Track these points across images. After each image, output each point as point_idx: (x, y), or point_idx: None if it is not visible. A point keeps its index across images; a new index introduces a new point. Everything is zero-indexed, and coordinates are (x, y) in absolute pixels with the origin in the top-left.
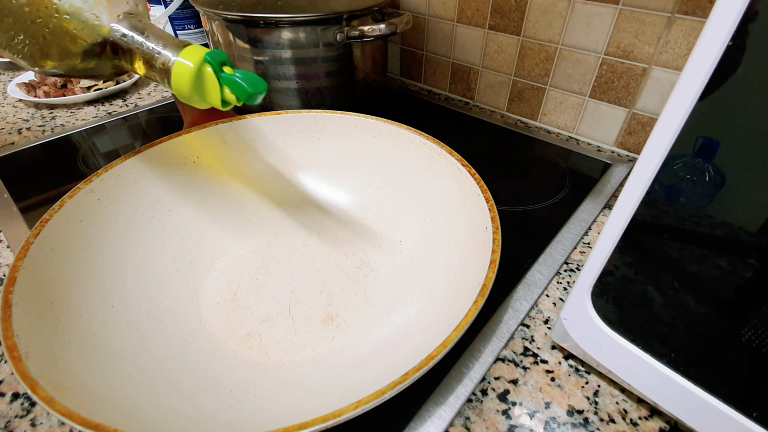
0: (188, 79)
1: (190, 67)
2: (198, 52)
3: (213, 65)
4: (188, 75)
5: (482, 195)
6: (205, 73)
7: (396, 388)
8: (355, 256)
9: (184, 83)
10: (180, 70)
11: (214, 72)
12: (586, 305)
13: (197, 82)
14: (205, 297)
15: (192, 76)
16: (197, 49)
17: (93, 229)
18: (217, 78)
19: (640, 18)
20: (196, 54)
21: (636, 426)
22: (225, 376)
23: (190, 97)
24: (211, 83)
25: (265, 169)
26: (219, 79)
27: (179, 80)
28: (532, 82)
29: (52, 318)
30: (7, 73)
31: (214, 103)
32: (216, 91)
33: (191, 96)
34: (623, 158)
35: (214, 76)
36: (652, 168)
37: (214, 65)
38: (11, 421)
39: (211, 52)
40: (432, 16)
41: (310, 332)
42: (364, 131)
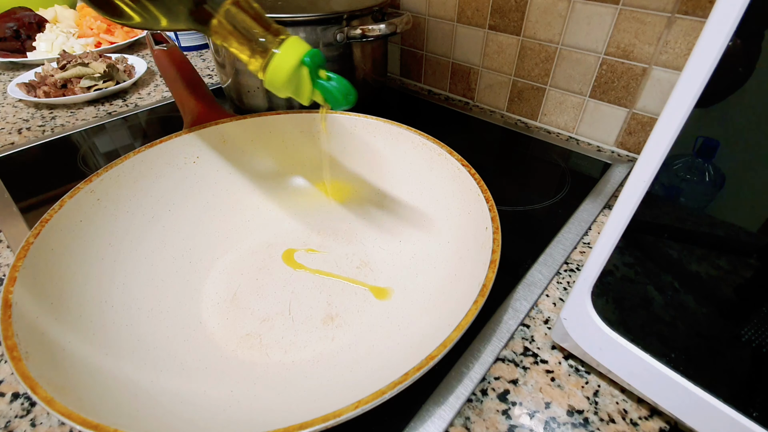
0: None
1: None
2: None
3: (310, 68)
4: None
5: (482, 195)
6: (301, 72)
7: (396, 388)
8: (355, 256)
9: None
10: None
11: (309, 75)
12: (586, 305)
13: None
14: (205, 297)
15: (289, 73)
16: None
17: (93, 229)
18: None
19: (640, 18)
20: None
21: (636, 426)
22: (225, 376)
23: (279, 89)
24: (304, 84)
25: (265, 169)
26: (313, 82)
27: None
28: (532, 82)
29: (52, 318)
30: (7, 73)
31: (301, 101)
32: (307, 92)
33: (281, 89)
34: (623, 158)
35: (309, 78)
36: (652, 168)
37: (312, 68)
38: (11, 421)
39: (311, 53)
40: (432, 16)
41: (310, 332)
42: (364, 131)
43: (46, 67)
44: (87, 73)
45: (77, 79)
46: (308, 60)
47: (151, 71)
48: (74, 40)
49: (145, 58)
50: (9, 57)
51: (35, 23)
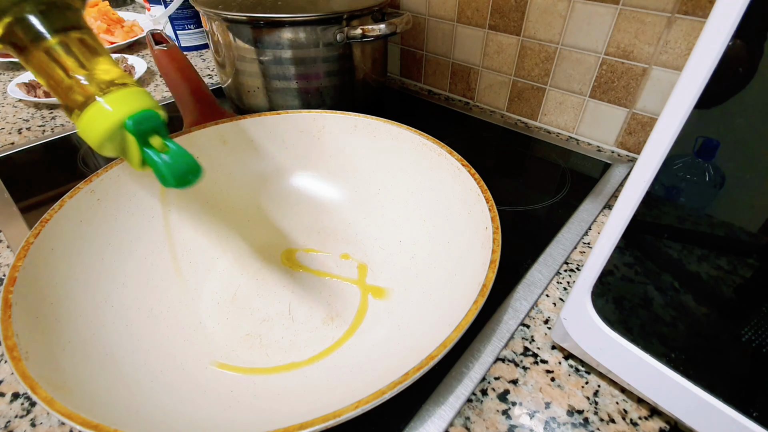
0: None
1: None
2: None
3: (135, 134)
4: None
5: (482, 195)
6: (125, 135)
7: (396, 388)
8: (355, 256)
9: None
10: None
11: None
12: (586, 305)
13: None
14: (205, 297)
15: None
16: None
17: (93, 229)
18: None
19: (640, 18)
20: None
21: (636, 426)
22: (225, 376)
23: (96, 148)
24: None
25: (265, 169)
26: (141, 152)
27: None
28: (532, 82)
29: (52, 318)
30: (7, 73)
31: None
32: (136, 159)
33: (98, 148)
34: (623, 158)
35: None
36: (652, 168)
37: (138, 134)
38: (11, 421)
39: (137, 116)
40: (432, 16)
41: (310, 332)
42: (364, 131)
43: None
44: None
45: None
46: (131, 124)
47: (151, 71)
48: None
49: (145, 58)
50: (9, 57)
51: None
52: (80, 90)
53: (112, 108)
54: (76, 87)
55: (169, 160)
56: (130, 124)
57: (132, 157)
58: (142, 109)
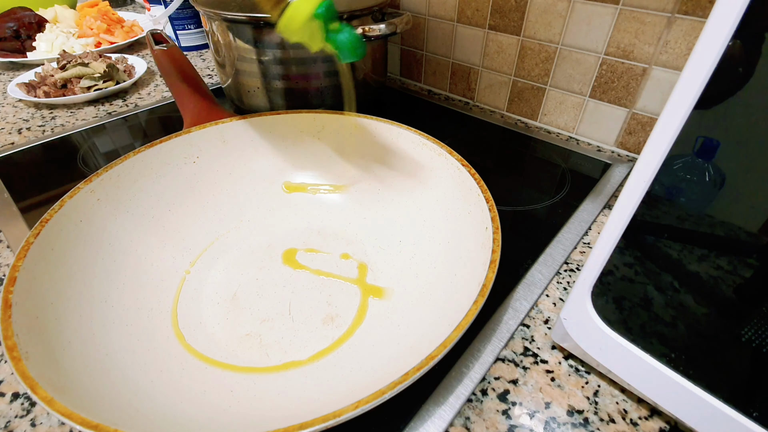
0: (298, 25)
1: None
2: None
3: (323, 20)
4: (298, 21)
5: (482, 195)
6: (313, 23)
7: (396, 388)
8: (355, 256)
9: (293, 27)
10: (292, 14)
11: (321, 26)
12: (586, 305)
13: (305, 28)
14: (205, 297)
15: (302, 23)
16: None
17: (93, 229)
18: (322, 31)
19: (640, 18)
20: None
21: (636, 426)
22: (225, 376)
23: (291, 36)
24: (316, 34)
25: (265, 169)
26: (324, 34)
27: (289, 22)
28: (532, 82)
29: (52, 318)
30: (7, 73)
31: (312, 48)
32: (319, 42)
33: (293, 36)
34: (623, 158)
35: (321, 29)
36: (652, 168)
37: (324, 20)
38: (11, 421)
39: (325, 4)
40: (432, 16)
41: (310, 332)
42: (364, 131)
43: (46, 67)
44: (87, 73)
45: (77, 79)
46: (321, 11)
47: (151, 71)
48: (74, 40)
49: (145, 58)
50: (9, 57)
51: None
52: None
53: (304, 4)
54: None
55: (346, 37)
56: (321, 11)
57: (315, 39)
58: (323, 1)
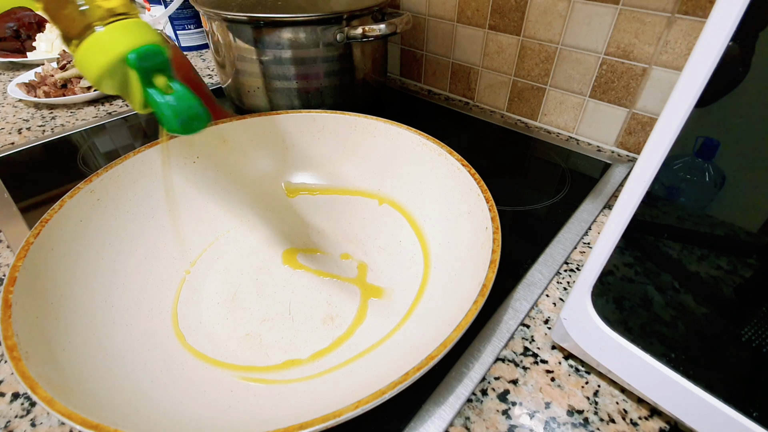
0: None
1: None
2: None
3: (138, 70)
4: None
5: (482, 195)
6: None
7: (396, 388)
8: (355, 256)
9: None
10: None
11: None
12: (586, 305)
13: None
14: (205, 297)
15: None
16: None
17: (93, 229)
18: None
19: (640, 18)
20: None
21: (636, 426)
22: (225, 376)
23: (94, 83)
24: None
25: (265, 169)
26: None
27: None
28: (532, 82)
29: (52, 318)
30: (7, 73)
31: (133, 107)
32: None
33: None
34: (623, 158)
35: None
36: (652, 168)
37: (140, 71)
38: (11, 421)
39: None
40: (432, 16)
41: (310, 332)
42: (364, 131)
43: (46, 67)
44: None
45: (77, 79)
46: (134, 58)
47: None
48: None
49: None
50: (9, 57)
51: (35, 23)
52: (79, 18)
53: (114, 39)
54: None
55: (174, 102)
56: (133, 58)
57: (134, 96)
58: (147, 43)
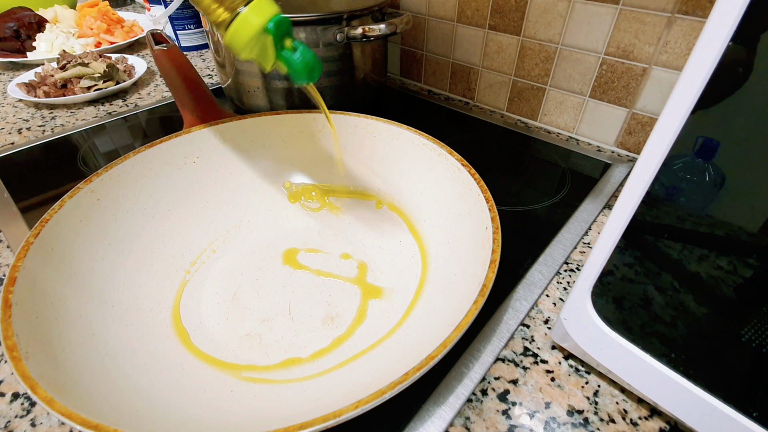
0: (245, 39)
1: (252, 28)
2: (263, 13)
3: (274, 35)
4: (246, 36)
5: (482, 195)
6: (265, 38)
7: (396, 388)
8: (355, 256)
9: (240, 41)
10: (240, 26)
11: (273, 43)
12: (586, 305)
13: (254, 44)
14: (205, 297)
15: (250, 37)
16: (264, 8)
17: (93, 229)
18: (274, 48)
19: (640, 18)
20: (261, 14)
21: (636, 426)
22: (225, 376)
23: (240, 52)
24: (268, 50)
25: (265, 169)
26: (276, 51)
27: (236, 35)
28: (532, 82)
29: (52, 318)
30: (7, 73)
31: (264, 68)
32: (271, 59)
33: (241, 52)
34: (623, 158)
35: (273, 45)
36: (652, 168)
37: (275, 36)
38: (11, 421)
39: (276, 19)
40: (432, 16)
41: (310, 332)
42: (364, 131)
43: (46, 67)
44: (87, 73)
45: (77, 79)
46: (272, 26)
47: (151, 71)
48: (74, 40)
49: (145, 58)
50: (9, 57)
51: (35, 23)
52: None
53: (254, 15)
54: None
55: (300, 57)
56: (271, 27)
57: (268, 58)
58: (276, 14)
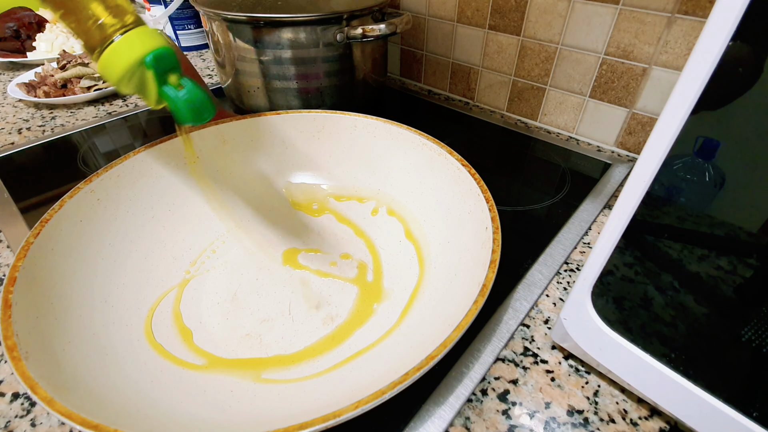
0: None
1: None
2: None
3: (154, 70)
4: (119, 68)
5: (482, 195)
6: (144, 72)
7: (396, 388)
8: (355, 256)
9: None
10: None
11: (155, 78)
12: (586, 305)
13: (130, 77)
14: (205, 297)
15: (123, 71)
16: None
17: (93, 229)
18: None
19: (640, 18)
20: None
21: (636, 426)
22: (225, 376)
23: (115, 85)
24: (149, 86)
25: (264, 169)
26: (158, 89)
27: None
28: (532, 82)
29: (52, 318)
30: (7, 73)
31: (148, 103)
32: (153, 95)
33: (117, 85)
34: (623, 158)
35: (155, 81)
36: (652, 168)
37: (156, 71)
38: (11, 421)
39: (156, 53)
40: (432, 16)
41: (310, 332)
42: (364, 131)
43: (46, 67)
44: (87, 73)
45: (77, 79)
46: (150, 60)
47: None
48: (74, 40)
49: None
50: (9, 57)
51: (35, 23)
52: (99, 29)
53: (131, 46)
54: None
55: (185, 95)
56: (150, 60)
57: (150, 94)
58: (159, 47)
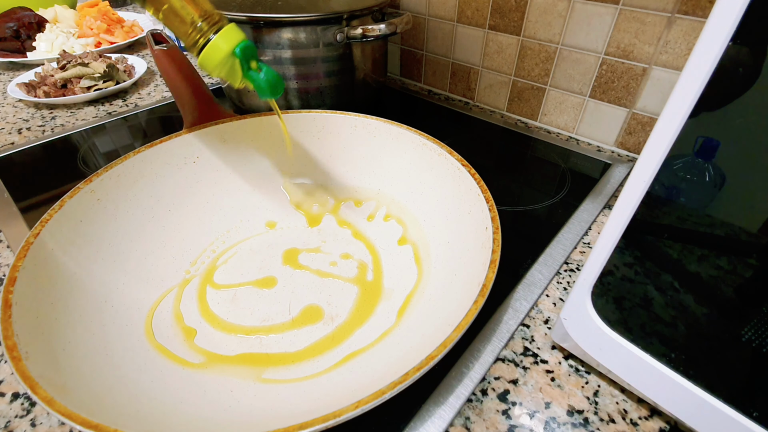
0: (215, 62)
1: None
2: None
3: (240, 59)
4: (216, 59)
5: (482, 195)
6: (233, 60)
7: (396, 388)
8: (355, 256)
9: (211, 64)
10: (211, 52)
11: (240, 65)
12: (586, 305)
13: (223, 65)
14: (205, 297)
15: (220, 61)
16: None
17: (93, 229)
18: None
19: (640, 18)
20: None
21: (636, 426)
22: (225, 376)
23: (210, 72)
24: (236, 70)
25: (264, 169)
26: (243, 71)
27: (207, 59)
28: (532, 82)
29: (52, 318)
30: (7, 73)
31: (233, 84)
32: (238, 78)
33: (212, 72)
34: (623, 158)
35: (240, 67)
36: (652, 168)
37: (242, 59)
38: (11, 421)
39: (242, 45)
40: (432, 16)
41: (310, 332)
42: (364, 131)
43: (46, 67)
44: (87, 73)
45: (77, 79)
46: (239, 51)
47: (151, 71)
48: (74, 40)
49: (145, 58)
50: (9, 57)
51: (35, 23)
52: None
53: (224, 41)
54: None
55: (264, 76)
56: (239, 51)
57: (236, 76)
58: (242, 40)
